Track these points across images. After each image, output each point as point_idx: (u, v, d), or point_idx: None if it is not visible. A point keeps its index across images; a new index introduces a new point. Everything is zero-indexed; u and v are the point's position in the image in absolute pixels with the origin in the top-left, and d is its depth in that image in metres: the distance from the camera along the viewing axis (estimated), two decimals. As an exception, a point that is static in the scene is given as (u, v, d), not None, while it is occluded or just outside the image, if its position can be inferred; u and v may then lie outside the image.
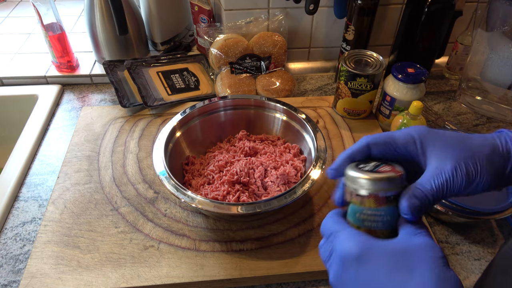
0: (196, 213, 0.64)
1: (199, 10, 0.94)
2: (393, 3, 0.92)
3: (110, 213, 0.64)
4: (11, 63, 0.97)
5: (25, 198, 0.68)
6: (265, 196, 0.63)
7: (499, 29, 0.78)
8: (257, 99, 0.73)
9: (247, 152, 0.70)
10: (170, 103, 0.85)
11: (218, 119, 0.74)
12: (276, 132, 0.75)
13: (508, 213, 0.59)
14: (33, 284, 0.54)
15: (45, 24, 0.85)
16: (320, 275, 0.57)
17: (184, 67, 0.94)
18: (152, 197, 0.67)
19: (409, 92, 0.74)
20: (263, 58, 0.90)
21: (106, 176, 0.70)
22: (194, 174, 0.68)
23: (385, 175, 0.34)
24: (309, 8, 0.83)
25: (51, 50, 0.90)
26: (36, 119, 0.82)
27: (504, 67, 0.81)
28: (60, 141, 0.79)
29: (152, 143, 0.76)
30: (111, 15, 0.88)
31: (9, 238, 0.62)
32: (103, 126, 0.80)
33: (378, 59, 0.77)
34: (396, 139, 0.37)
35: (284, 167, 0.65)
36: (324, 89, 0.94)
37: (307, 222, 0.63)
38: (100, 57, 0.96)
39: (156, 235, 0.61)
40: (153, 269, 0.56)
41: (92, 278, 0.55)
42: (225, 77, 0.88)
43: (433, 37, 0.85)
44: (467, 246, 0.62)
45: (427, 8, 0.79)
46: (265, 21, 0.92)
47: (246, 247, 0.59)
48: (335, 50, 0.99)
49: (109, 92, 0.92)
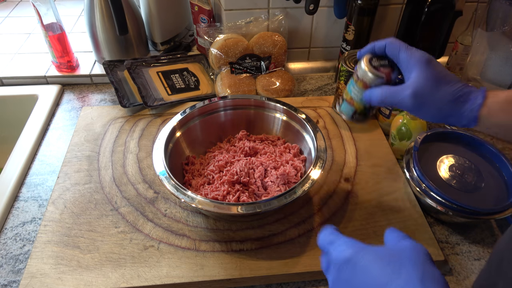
0: (196, 213, 0.64)
1: (199, 10, 0.94)
2: (393, 3, 0.92)
3: (110, 213, 0.64)
4: (11, 63, 0.97)
5: (25, 198, 0.68)
6: (265, 196, 0.63)
7: (499, 29, 0.78)
8: (257, 99, 0.73)
9: (247, 152, 0.70)
10: (170, 103, 0.85)
11: (218, 119, 0.74)
12: (276, 132, 0.75)
13: (508, 213, 0.59)
14: (33, 284, 0.54)
15: (45, 24, 0.85)
16: (320, 275, 0.57)
17: (184, 67, 0.94)
18: (152, 197, 0.67)
19: (409, 92, 0.73)
20: (263, 58, 0.90)
21: (106, 176, 0.70)
22: (194, 174, 0.68)
23: (376, 73, 0.50)
24: (309, 8, 0.83)
25: (51, 50, 0.90)
26: (36, 119, 0.82)
27: (504, 67, 0.81)
28: (60, 141, 0.79)
29: (152, 143, 0.76)
30: (111, 15, 0.88)
31: (9, 238, 0.62)
32: (103, 126, 0.80)
33: (378, 59, 0.77)
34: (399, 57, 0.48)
35: (284, 167, 0.65)
36: (324, 89, 0.94)
37: (307, 222, 0.63)
38: (100, 57, 0.96)
39: (156, 235, 0.61)
40: (153, 269, 0.56)
41: (92, 278, 0.55)
42: (225, 77, 0.88)
43: (433, 37, 0.85)
44: (467, 246, 0.62)
45: (427, 8, 0.79)
46: (265, 21, 0.92)
47: (246, 247, 0.59)
48: (335, 50, 0.99)
49: (109, 92, 0.92)
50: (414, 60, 0.46)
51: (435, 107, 0.46)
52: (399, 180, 0.70)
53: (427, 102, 0.46)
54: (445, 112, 0.46)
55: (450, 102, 0.45)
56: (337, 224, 0.62)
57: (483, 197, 0.62)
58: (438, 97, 0.45)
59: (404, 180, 0.70)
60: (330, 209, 0.65)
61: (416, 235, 0.61)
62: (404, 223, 0.63)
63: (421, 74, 0.46)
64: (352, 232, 0.61)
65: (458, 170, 0.66)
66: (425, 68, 0.46)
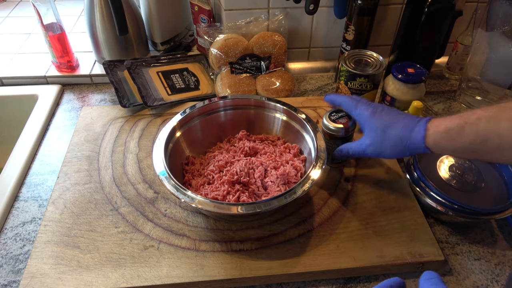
0: (196, 213, 0.64)
1: (199, 10, 0.94)
2: (393, 3, 0.92)
3: (110, 213, 0.64)
4: (11, 63, 0.97)
5: (25, 198, 0.68)
6: (265, 196, 0.63)
7: (499, 29, 0.78)
8: (257, 99, 0.73)
9: (247, 152, 0.70)
10: (170, 103, 0.85)
11: (218, 119, 0.74)
12: (276, 132, 0.75)
13: (508, 213, 0.59)
14: (33, 284, 0.54)
15: (45, 24, 0.85)
16: (320, 275, 0.57)
17: (184, 67, 0.94)
18: (152, 197, 0.67)
19: (409, 92, 0.74)
20: (263, 58, 0.90)
21: (106, 176, 0.70)
22: (194, 174, 0.68)
23: (335, 125, 0.65)
24: (309, 8, 0.83)
25: (51, 50, 0.90)
26: (36, 119, 0.82)
27: (504, 67, 0.81)
28: (60, 141, 0.79)
29: (152, 143, 0.76)
30: (111, 15, 0.88)
31: (9, 238, 0.62)
32: (103, 126, 0.80)
33: (378, 59, 0.77)
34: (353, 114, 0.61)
35: (284, 167, 0.65)
36: (324, 89, 0.94)
37: (307, 222, 0.63)
38: (100, 57, 0.96)
39: (156, 235, 0.61)
40: (153, 269, 0.56)
41: (92, 278, 0.55)
42: (225, 77, 0.88)
43: (433, 37, 0.85)
44: (467, 246, 0.62)
45: (427, 8, 0.79)
46: (265, 21, 0.92)
47: (246, 247, 0.59)
48: (335, 50, 0.99)
49: (109, 92, 0.92)
50: (363, 118, 0.57)
51: (390, 149, 0.55)
52: (399, 180, 0.70)
53: (382, 148, 0.55)
54: (399, 149, 0.54)
55: (399, 142, 0.53)
56: (337, 224, 0.62)
57: (483, 197, 0.62)
58: (388, 142, 0.54)
59: (404, 180, 0.70)
60: (330, 209, 0.65)
61: (416, 235, 0.61)
62: (404, 223, 0.63)
63: (370, 129, 0.57)
64: (352, 232, 0.61)
65: (458, 170, 0.66)
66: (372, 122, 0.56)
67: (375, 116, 0.56)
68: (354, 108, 0.59)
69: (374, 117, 0.56)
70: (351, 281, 0.58)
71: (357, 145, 0.59)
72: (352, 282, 0.58)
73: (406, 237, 0.61)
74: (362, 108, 0.58)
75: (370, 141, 0.57)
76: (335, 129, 0.65)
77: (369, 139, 0.57)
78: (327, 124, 0.65)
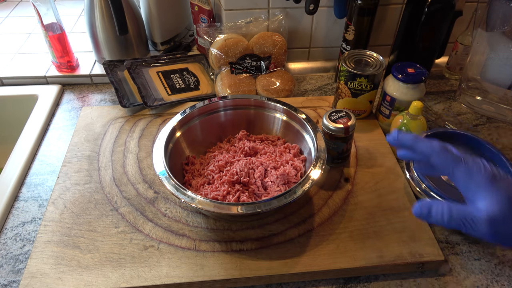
0: (196, 213, 0.64)
1: (199, 10, 0.94)
2: (393, 3, 0.92)
3: (110, 213, 0.64)
4: (11, 63, 0.97)
5: (25, 198, 0.68)
6: (265, 196, 0.63)
7: (499, 29, 0.78)
8: (257, 99, 0.73)
9: (247, 152, 0.70)
10: (170, 103, 0.85)
11: (218, 119, 0.74)
12: (276, 132, 0.75)
13: (508, 213, 0.59)
14: (33, 284, 0.54)
15: (45, 24, 0.86)
16: (320, 275, 0.57)
17: (184, 67, 0.94)
18: (152, 197, 0.67)
19: (409, 92, 0.74)
20: (263, 58, 0.90)
21: (106, 176, 0.70)
22: (194, 174, 0.68)
23: (335, 125, 0.66)
24: (309, 8, 0.83)
25: (51, 50, 0.90)
26: (36, 119, 0.82)
27: (504, 67, 0.81)
28: (60, 141, 0.79)
29: (152, 143, 0.76)
30: (111, 15, 0.88)
31: (9, 238, 0.62)
32: (103, 126, 0.80)
33: (378, 59, 0.77)
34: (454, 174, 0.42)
35: (284, 167, 0.65)
36: (324, 89, 0.94)
37: (307, 222, 0.63)
38: (100, 57, 0.96)
39: (156, 235, 0.61)
40: (153, 269, 0.56)
41: (92, 278, 0.55)
42: (225, 77, 0.88)
43: (433, 37, 0.85)
44: (467, 246, 0.62)
45: (427, 8, 0.79)
46: (265, 21, 0.92)
47: (246, 247, 0.59)
48: (335, 50, 0.99)
49: (109, 92, 0.92)
50: (476, 182, 0.40)
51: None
52: (399, 180, 0.70)
53: (507, 229, 0.38)
54: None
55: None
56: (337, 224, 0.62)
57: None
58: None
59: (404, 180, 0.70)
60: (330, 209, 0.65)
61: (416, 235, 0.61)
62: (404, 223, 0.63)
63: (492, 199, 0.38)
64: (352, 232, 0.61)
65: (458, 170, 0.66)
66: (492, 190, 0.39)
67: (498, 182, 0.39)
68: (458, 166, 0.41)
69: (497, 183, 0.39)
70: (351, 281, 0.58)
71: (465, 212, 0.40)
72: (352, 282, 0.58)
73: (406, 237, 0.61)
74: (471, 168, 0.40)
75: (490, 215, 0.38)
76: (335, 129, 0.65)
77: (488, 213, 0.38)
78: (327, 124, 0.66)
